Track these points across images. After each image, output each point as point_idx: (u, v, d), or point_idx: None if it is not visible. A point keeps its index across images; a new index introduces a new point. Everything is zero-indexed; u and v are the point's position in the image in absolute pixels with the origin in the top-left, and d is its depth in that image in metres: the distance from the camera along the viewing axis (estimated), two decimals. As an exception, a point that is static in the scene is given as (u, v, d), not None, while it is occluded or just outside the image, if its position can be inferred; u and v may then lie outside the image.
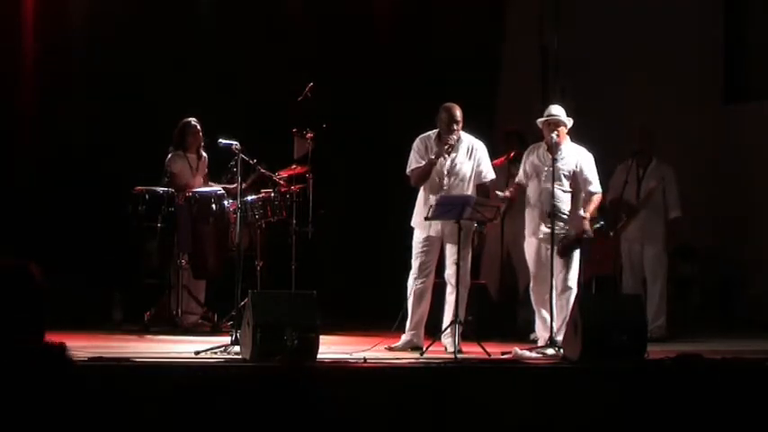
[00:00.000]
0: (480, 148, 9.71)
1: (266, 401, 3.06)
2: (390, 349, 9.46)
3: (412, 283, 9.70)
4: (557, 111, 9.77)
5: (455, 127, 9.56)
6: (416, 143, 9.73)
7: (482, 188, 9.72)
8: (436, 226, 9.61)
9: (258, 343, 8.32)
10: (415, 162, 9.68)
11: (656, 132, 11.39)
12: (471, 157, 9.66)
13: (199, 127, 11.07)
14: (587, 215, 9.70)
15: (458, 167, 9.63)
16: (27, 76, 12.28)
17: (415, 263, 9.71)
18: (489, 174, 9.74)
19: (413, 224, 9.77)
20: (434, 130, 9.70)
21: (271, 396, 3.07)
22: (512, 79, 13.45)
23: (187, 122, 11.11)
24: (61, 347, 3.44)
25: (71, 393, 3.10)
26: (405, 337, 9.64)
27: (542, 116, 9.79)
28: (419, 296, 9.68)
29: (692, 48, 13.31)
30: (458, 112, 9.58)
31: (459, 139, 9.63)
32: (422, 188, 9.71)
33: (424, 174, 9.61)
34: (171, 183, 10.99)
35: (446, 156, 9.57)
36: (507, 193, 9.82)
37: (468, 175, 9.63)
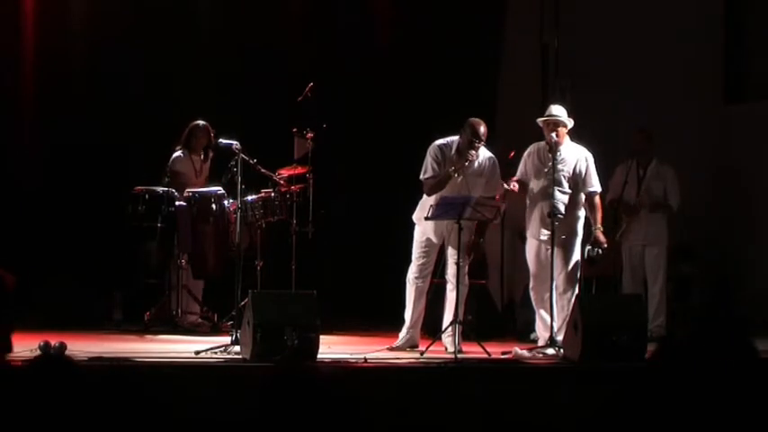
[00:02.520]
0: (493, 163, 9.65)
1: (266, 401, 3.05)
2: (392, 349, 9.45)
3: (412, 282, 9.68)
4: (557, 111, 9.76)
5: (477, 144, 9.49)
6: (434, 150, 9.60)
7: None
8: (439, 229, 9.58)
9: (258, 343, 8.32)
10: (431, 170, 9.56)
11: (655, 133, 11.40)
12: (482, 174, 9.61)
13: (208, 130, 11.05)
14: (600, 226, 9.71)
15: (469, 182, 9.59)
16: (27, 76, 12.27)
17: (416, 262, 9.70)
18: (497, 189, 9.69)
19: (414, 219, 9.74)
20: (452, 138, 9.59)
21: (270, 396, 3.06)
22: (512, 79, 13.44)
23: (196, 125, 11.10)
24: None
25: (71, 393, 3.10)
26: (404, 335, 9.62)
27: (542, 116, 9.80)
28: (419, 295, 9.67)
29: (692, 48, 13.29)
30: (482, 129, 9.48)
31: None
32: None
33: (440, 185, 9.51)
34: (172, 182, 10.99)
35: (461, 172, 9.51)
36: (513, 186, 9.73)
37: (477, 189, 9.57)
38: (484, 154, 9.62)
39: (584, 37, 13.35)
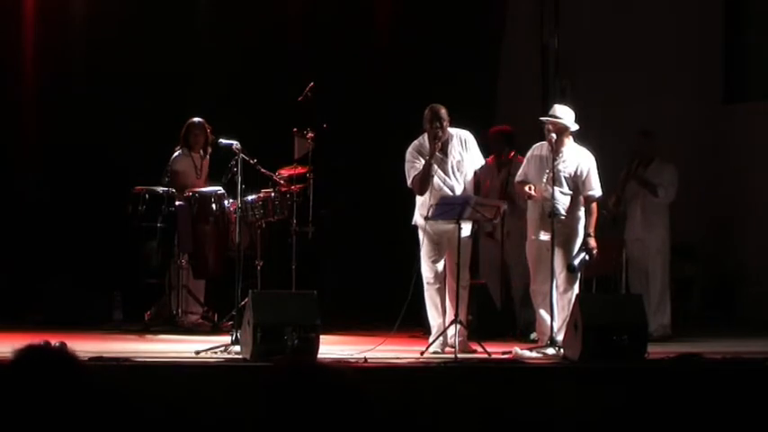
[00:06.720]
0: (470, 138, 9.73)
1: (266, 401, 3.05)
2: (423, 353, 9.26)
3: (428, 287, 9.59)
4: (559, 111, 9.74)
5: (437, 124, 9.54)
6: (409, 153, 9.67)
7: (474, 177, 9.74)
8: (440, 231, 9.56)
9: (258, 343, 8.32)
10: (413, 170, 9.62)
11: (655, 132, 11.40)
12: (466, 149, 9.67)
13: (204, 126, 11.05)
14: (592, 231, 9.68)
15: (460, 162, 9.62)
16: (27, 76, 12.27)
17: (427, 266, 9.62)
18: (481, 160, 9.77)
19: (416, 223, 9.71)
20: (423, 135, 9.68)
21: (270, 396, 3.06)
22: (512, 79, 13.44)
23: (191, 122, 11.12)
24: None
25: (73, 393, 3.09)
26: (435, 340, 9.42)
27: (544, 115, 9.80)
28: (440, 298, 9.58)
29: (692, 48, 13.31)
30: (442, 111, 9.57)
31: (449, 136, 9.63)
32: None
33: (425, 177, 9.54)
34: (172, 182, 10.99)
35: (438, 152, 9.55)
36: (534, 193, 9.70)
37: (468, 168, 9.64)
38: (458, 132, 9.68)
39: (585, 37, 13.36)
